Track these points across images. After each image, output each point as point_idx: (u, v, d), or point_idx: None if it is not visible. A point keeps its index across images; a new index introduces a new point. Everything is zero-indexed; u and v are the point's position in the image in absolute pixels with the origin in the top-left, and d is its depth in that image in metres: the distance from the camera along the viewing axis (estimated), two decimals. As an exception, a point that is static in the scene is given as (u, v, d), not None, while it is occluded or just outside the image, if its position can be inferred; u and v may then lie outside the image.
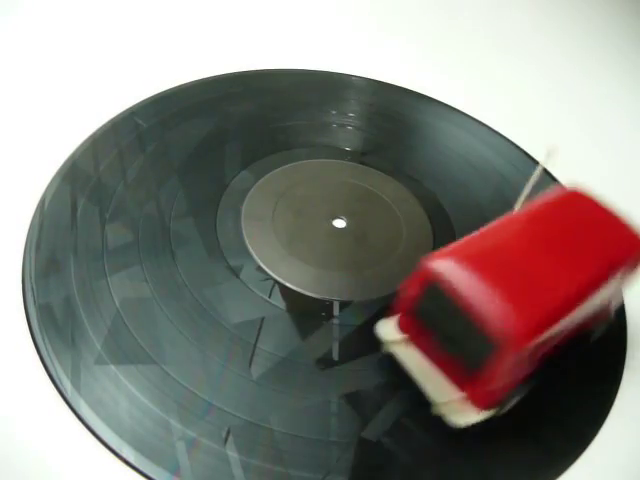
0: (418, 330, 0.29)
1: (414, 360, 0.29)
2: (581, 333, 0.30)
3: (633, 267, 0.30)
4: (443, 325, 0.28)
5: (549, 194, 0.31)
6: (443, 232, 0.38)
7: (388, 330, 0.30)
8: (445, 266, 0.27)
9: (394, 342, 0.30)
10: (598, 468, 0.29)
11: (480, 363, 0.26)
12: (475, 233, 0.29)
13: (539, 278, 0.26)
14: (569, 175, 0.43)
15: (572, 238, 0.29)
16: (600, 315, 0.31)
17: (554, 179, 0.43)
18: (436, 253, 0.27)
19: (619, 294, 0.32)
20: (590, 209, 0.30)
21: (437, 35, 0.57)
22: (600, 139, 0.48)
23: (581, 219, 0.30)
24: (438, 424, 0.29)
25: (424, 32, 0.56)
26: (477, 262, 0.27)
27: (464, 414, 0.28)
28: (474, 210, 0.40)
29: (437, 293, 0.27)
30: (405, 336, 0.29)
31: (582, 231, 0.29)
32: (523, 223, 0.29)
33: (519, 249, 0.27)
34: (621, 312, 0.35)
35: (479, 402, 0.27)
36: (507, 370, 0.26)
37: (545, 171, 0.43)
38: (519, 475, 0.28)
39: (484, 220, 0.39)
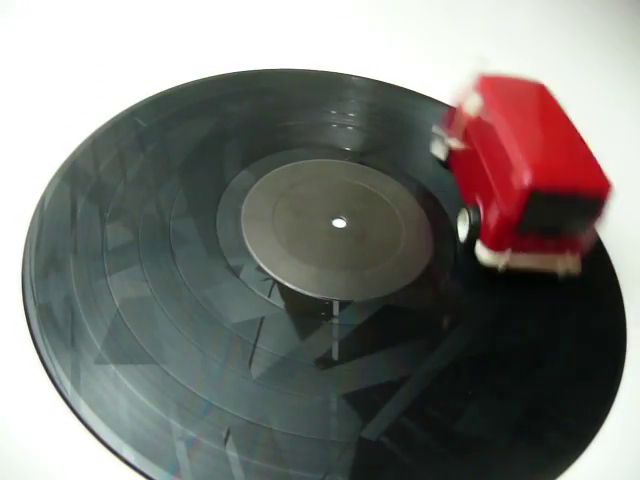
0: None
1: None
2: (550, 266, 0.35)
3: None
4: None
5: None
6: (442, 232, 0.38)
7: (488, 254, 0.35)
8: None
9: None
10: (598, 468, 0.29)
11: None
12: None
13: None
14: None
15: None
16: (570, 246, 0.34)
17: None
18: None
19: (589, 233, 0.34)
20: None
21: (437, 35, 0.57)
22: (601, 140, 0.48)
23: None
24: (438, 424, 0.29)
25: (424, 32, 0.56)
26: None
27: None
28: (474, 210, 0.39)
29: None
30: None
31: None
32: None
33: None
34: (621, 312, 0.35)
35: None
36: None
37: None
38: (519, 475, 0.28)
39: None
